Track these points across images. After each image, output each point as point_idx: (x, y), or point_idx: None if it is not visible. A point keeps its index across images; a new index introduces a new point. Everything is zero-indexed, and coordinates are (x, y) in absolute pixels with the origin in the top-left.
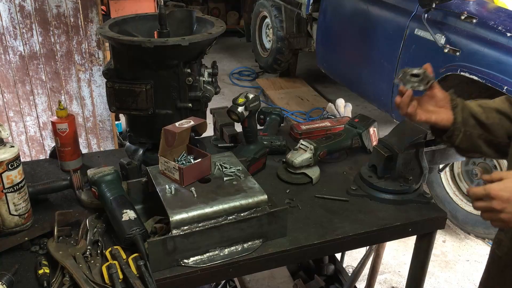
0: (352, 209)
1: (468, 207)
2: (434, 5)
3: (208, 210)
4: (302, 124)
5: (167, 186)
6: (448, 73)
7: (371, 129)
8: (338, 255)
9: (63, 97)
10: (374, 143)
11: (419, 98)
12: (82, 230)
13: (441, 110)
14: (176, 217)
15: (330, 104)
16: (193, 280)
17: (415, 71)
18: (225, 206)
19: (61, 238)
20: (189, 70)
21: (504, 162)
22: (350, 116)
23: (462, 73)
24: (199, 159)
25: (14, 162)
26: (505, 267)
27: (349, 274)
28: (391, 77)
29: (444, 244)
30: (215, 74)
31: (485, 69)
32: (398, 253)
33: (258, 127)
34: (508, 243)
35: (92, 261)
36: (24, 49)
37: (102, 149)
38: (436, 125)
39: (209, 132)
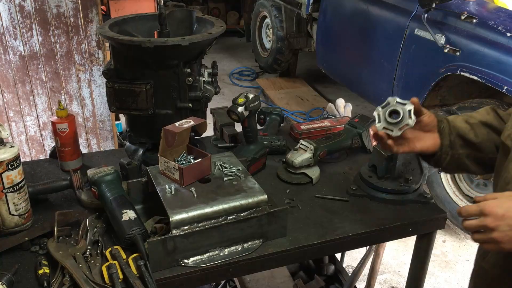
0: (352, 209)
1: None
2: (434, 5)
3: (208, 210)
4: (302, 124)
5: (167, 186)
6: (448, 73)
7: (371, 129)
8: (338, 255)
9: (63, 97)
10: (374, 143)
11: None
12: (82, 230)
13: (427, 135)
14: (176, 217)
15: (330, 104)
16: (193, 280)
17: (399, 107)
18: (225, 206)
19: (61, 238)
20: (189, 70)
21: None
22: (350, 116)
23: (462, 73)
24: (199, 159)
25: (14, 162)
26: (492, 281)
27: (349, 274)
28: (391, 77)
29: (444, 244)
30: (215, 74)
31: (485, 69)
32: (398, 253)
33: (258, 127)
34: (494, 255)
35: (92, 261)
36: (24, 49)
37: (102, 149)
38: (422, 153)
39: (209, 132)
